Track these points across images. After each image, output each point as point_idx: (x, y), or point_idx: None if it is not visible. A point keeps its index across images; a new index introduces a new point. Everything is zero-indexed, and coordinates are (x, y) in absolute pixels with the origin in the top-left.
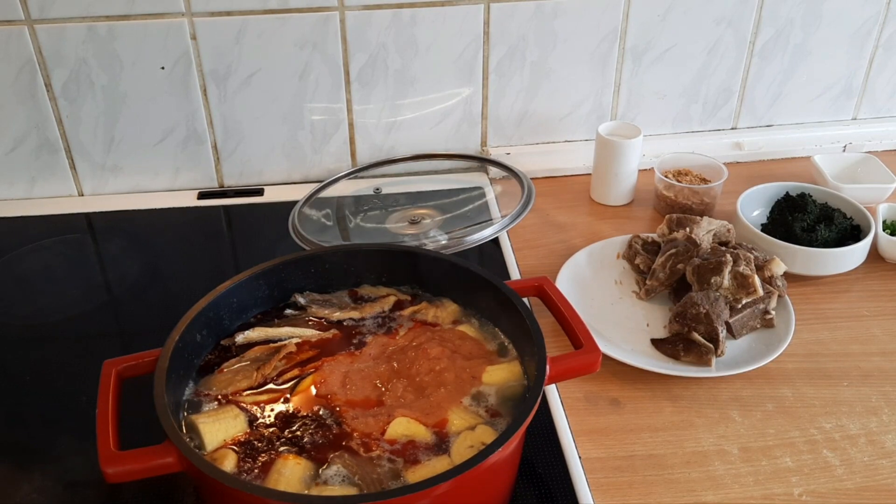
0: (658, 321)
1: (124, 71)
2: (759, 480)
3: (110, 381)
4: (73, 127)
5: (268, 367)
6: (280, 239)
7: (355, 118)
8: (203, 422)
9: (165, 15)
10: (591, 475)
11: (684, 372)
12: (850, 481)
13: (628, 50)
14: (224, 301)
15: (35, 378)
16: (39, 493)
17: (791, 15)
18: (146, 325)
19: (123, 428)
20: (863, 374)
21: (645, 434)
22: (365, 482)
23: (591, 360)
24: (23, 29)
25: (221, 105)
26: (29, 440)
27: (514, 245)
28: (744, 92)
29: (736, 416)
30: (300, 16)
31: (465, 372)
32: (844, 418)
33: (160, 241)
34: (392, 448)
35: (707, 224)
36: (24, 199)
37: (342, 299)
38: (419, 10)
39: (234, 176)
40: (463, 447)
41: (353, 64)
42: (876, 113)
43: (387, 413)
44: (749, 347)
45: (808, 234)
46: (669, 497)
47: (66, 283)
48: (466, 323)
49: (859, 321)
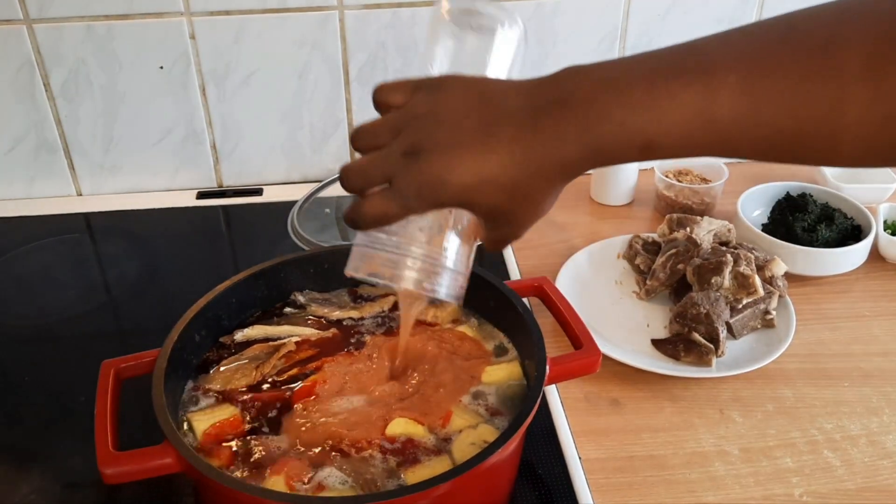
0: (658, 321)
1: (123, 70)
2: (760, 481)
3: (109, 381)
4: (71, 126)
5: (267, 366)
6: (279, 239)
7: (355, 118)
8: (199, 419)
9: (164, 14)
10: (591, 476)
11: (684, 372)
12: (851, 482)
13: (628, 50)
14: (223, 301)
15: (33, 378)
16: (38, 494)
17: None
18: (145, 325)
19: (122, 428)
20: (864, 374)
21: (645, 434)
22: (361, 483)
23: (591, 360)
24: (21, 28)
25: (220, 105)
26: (27, 440)
27: (514, 245)
28: None
29: (736, 416)
30: (299, 15)
31: (464, 372)
32: (845, 419)
33: (159, 241)
34: (391, 448)
35: (707, 224)
36: (23, 198)
37: (342, 298)
38: (419, 9)
39: (233, 176)
40: (465, 445)
41: (353, 63)
42: None
43: (385, 413)
44: (749, 348)
45: (809, 234)
46: (670, 498)
47: (64, 283)
48: (466, 323)
49: (860, 321)
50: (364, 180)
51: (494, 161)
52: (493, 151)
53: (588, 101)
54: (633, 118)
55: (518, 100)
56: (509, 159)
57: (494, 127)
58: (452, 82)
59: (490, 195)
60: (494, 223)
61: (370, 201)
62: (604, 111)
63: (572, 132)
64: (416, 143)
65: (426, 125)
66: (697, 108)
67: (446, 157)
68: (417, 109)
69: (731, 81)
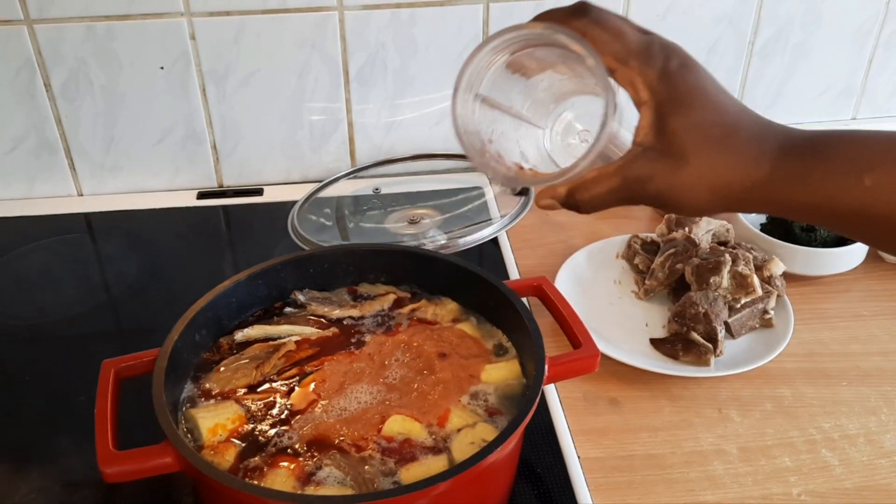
0: (657, 321)
1: (123, 71)
2: (758, 480)
3: (109, 380)
4: (72, 127)
5: (267, 366)
6: (279, 239)
7: (354, 118)
8: (202, 417)
9: (164, 15)
10: (590, 475)
11: (683, 372)
12: (849, 481)
13: None
14: (223, 301)
15: (33, 378)
16: (38, 493)
17: (791, 14)
18: (145, 325)
19: (122, 428)
20: (862, 374)
21: (644, 434)
22: (359, 482)
23: (590, 359)
24: (21, 29)
25: (220, 105)
26: (27, 440)
27: (514, 245)
28: (743, 91)
29: (735, 415)
30: (299, 15)
31: (463, 370)
32: (843, 418)
33: (159, 241)
34: (389, 447)
35: (706, 224)
36: (24, 198)
37: (342, 297)
38: (418, 9)
39: (233, 176)
40: (464, 444)
41: (353, 63)
42: (876, 112)
43: (383, 411)
44: (748, 347)
45: (808, 233)
46: (668, 497)
47: (64, 282)
48: (466, 321)
49: (858, 321)
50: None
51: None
52: (732, 153)
53: (844, 161)
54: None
55: (755, 127)
56: (742, 165)
57: (740, 131)
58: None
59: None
60: (680, 171)
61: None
62: (859, 178)
63: (816, 181)
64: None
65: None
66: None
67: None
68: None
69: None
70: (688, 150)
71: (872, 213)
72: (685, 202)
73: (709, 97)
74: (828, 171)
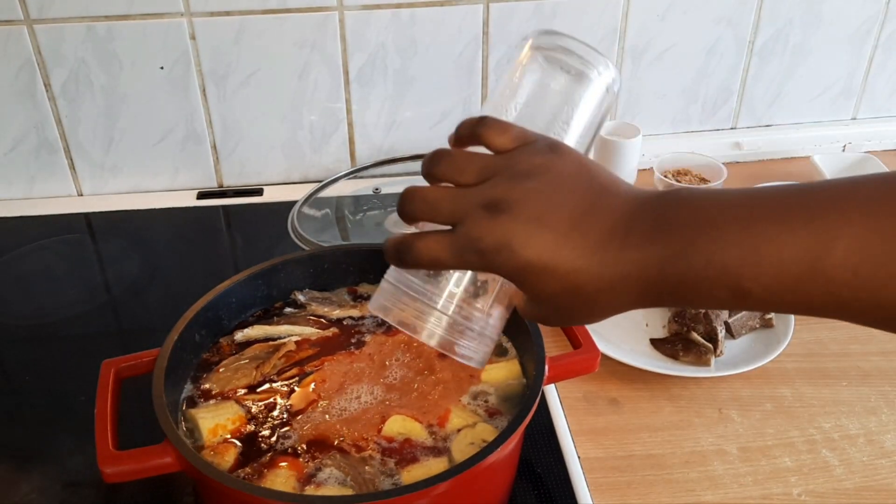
0: (657, 321)
1: (123, 71)
2: (758, 480)
3: (109, 380)
4: (72, 127)
5: (267, 366)
6: (279, 239)
7: (354, 118)
8: (202, 417)
9: (164, 15)
10: (590, 475)
11: (683, 372)
12: (849, 481)
13: (627, 49)
14: (223, 301)
15: (34, 378)
16: (38, 493)
17: (790, 14)
18: (145, 325)
19: (122, 428)
20: (862, 373)
21: (644, 434)
22: (359, 482)
23: (590, 359)
24: (22, 29)
25: (220, 105)
26: (27, 440)
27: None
28: (743, 91)
29: (735, 415)
30: (299, 16)
31: (463, 370)
32: (843, 418)
33: (159, 241)
34: (389, 447)
35: None
36: (24, 199)
37: (342, 297)
38: (418, 9)
39: (233, 176)
40: (463, 444)
41: (353, 64)
42: (875, 112)
43: (383, 411)
44: (748, 347)
45: None
46: (668, 497)
47: (65, 283)
48: None
49: None
50: (429, 212)
51: (571, 256)
52: (574, 246)
53: (681, 229)
54: (720, 255)
55: (622, 204)
56: (585, 261)
57: (588, 219)
58: (569, 153)
59: (551, 285)
60: (540, 307)
61: (426, 241)
62: (694, 242)
63: (656, 256)
64: (504, 199)
65: (522, 185)
66: (801, 255)
67: (529, 227)
68: (520, 165)
69: (851, 231)
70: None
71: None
72: (595, 319)
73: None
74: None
